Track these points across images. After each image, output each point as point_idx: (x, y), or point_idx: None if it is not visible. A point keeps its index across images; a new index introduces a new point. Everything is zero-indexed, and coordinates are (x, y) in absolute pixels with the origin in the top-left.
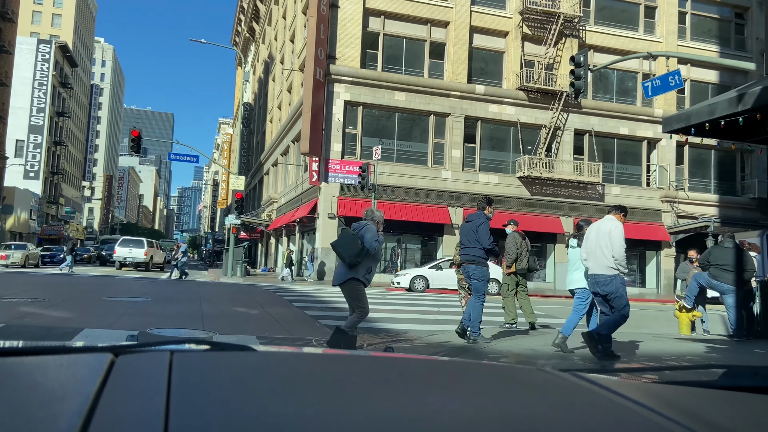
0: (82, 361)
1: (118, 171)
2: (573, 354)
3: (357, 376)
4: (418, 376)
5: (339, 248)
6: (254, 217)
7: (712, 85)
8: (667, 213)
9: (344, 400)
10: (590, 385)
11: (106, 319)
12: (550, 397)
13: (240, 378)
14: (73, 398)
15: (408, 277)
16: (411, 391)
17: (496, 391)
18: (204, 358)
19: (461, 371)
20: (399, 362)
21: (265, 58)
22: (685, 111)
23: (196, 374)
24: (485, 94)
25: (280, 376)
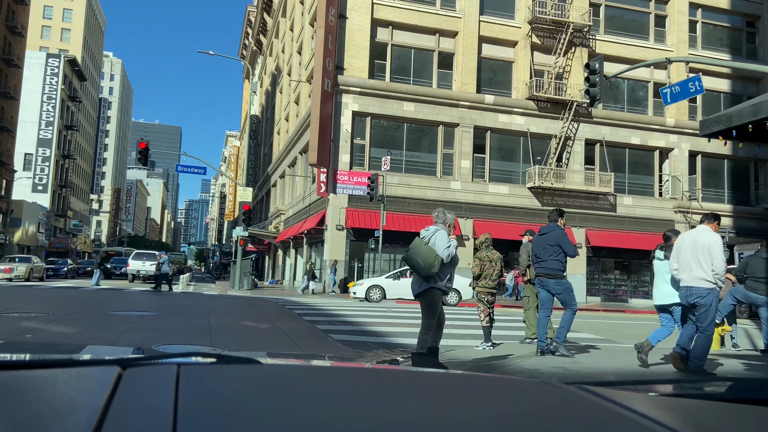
0: (90, 375)
1: (126, 184)
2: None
3: (363, 389)
4: (422, 389)
5: (412, 261)
6: (262, 229)
7: (724, 94)
8: (681, 224)
9: (351, 413)
10: (596, 398)
11: (111, 335)
12: (554, 410)
13: (247, 391)
14: (81, 411)
15: (364, 287)
16: (415, 403)
17: (499, 404)
18: (211, 371)
19: (465, 384)
20: (404, 375)
21: (272, 70)
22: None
23: (203, 387)
24: (494, 104)
25: (287, 389)
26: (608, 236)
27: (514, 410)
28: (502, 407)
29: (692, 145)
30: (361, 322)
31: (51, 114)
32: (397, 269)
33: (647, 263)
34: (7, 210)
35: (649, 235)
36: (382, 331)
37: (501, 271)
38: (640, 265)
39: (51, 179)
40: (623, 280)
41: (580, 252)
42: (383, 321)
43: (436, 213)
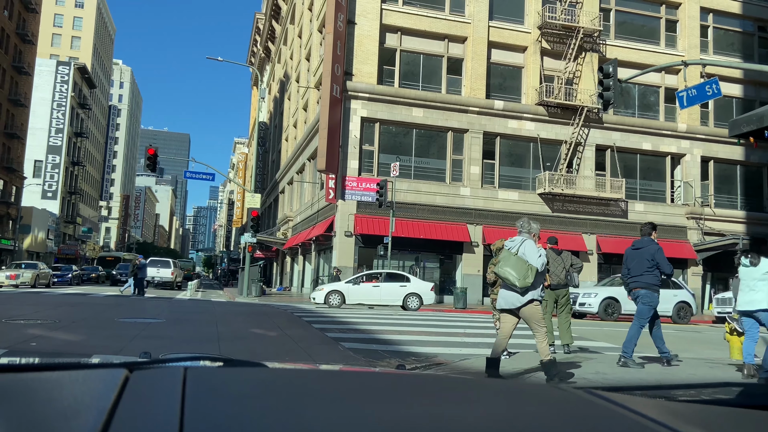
0: (97, 377)
1: (134, 191)
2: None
3: (370, 392)
4: (429, 393)
5: (505, 274)
6: (270, 235)
7: (736, 99)
8: (693, 230)
9: (358, 417)
10: (605, 402)
11: (117, 343)
12: (562, 414)
13: (254, 393)
14: (88, 413)
15: (323, 292)
16: (422, 407)
17: (507, 408)
18: (218, 374)
19: (473, 388)
20: (411, 379)
21: (280, 77)
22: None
23: (209, 389)
24: (504, 110)
25: (294, 392)
26: (619, 243)
27: (521, 413)
28: (509, 411)
29: (704, 151)
30: (371, 330)
31: (61, 121)
32: (355, 275)
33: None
34: (16, 216)
35: (662, 242)
36: (393, 340)
37: None
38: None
39: (60, 186)
40: None
41: (590, 258)
42: (394, 329)
43: (520, 223)
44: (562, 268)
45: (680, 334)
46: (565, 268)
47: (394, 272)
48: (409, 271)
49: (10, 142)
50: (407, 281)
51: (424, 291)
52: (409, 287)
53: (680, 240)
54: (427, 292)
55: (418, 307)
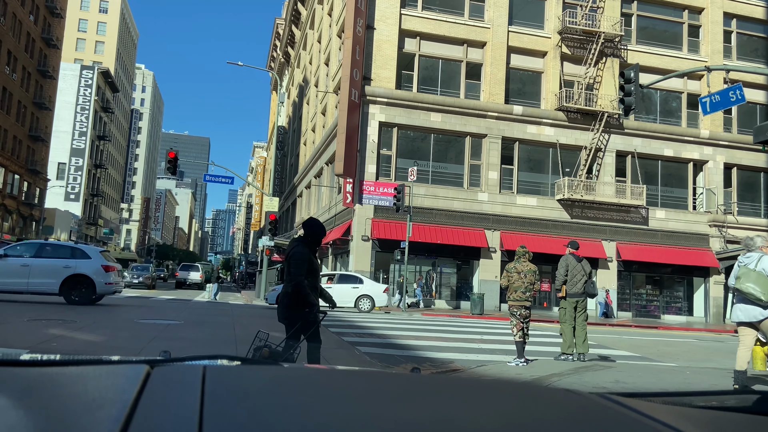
0: (119, 372)
1: (155, 194)
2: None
3: (384, 393)
4: (441, 394)
5: (751, 290)
6: (287, 239)
7: (760, 105)
8: (715, 238)
9: (372, 415)
10: (621, 408)
11: (137, 344)
12: (578, 420)
13: (271, 390)
14: (110, 406)
15: (276, 292)
16: (434, 407)
17: (520, 410)
18: (236, 371)
19: (486, 389)
20: (425, 380)
21: (299, 81)
22: None
23: (228, 386)
24: (523, 115)
25: (311, 389)
26: (640, 250)
27: (532, 416)
28: (520, 412)
29: (727, 158)
30: (388, 335)
31: (84, 124)
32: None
33: (680, 278)
34: (39, 218)
35: (683, 250)
36: (410, 345)
37: (534, 284)
38: (672, 280)
39: (83, 188)
40: (655, 296)
41: (610, 266)
42: (411, 335)
43: (747, 241)
44: (583, 274)
45: (702, 343)
46: (584, 275)
47: (348, 273)
48: (426, 277)
49: (34, 145)
50: (360, 283)
51: (377, 293)
52: (362, 289)
53: (702, 248)
54: (379, 294)
55: (370, 308)
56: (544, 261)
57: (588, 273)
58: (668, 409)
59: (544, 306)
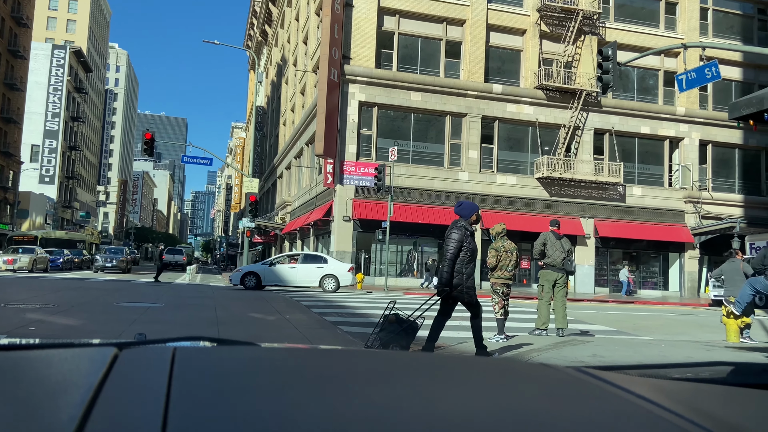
0: (86, 355)
1: (132, 175)
2: None
3: (363, 371)
4: (421, 372)
5: None
6: (268, 220)
7: (735, 82)
8: (690, 214)
9: (348, 394)
10: (597, 381)
11: (117, 327)
12: (555, 393)
13: (243, 372)
14: (75, 390)
15: (240, 273)
16: (414, 386)
17: (500, 387)
18: (207, 352)
19: (465, 366)
20: (405, 358)
21: (277, 60)
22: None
23: (198, 368)
24: (502, 94)
25: (284, 370)
26: (617, 227)
27: (510, 391)
28: (502, 390)
29: (703, 135)
30: (370, 314)
31: (57, 105)
32: (273, 257)
33: (656, 254)
34: (14, 201)
35: (659, 226)
36: None
37: (517, 262)
38: (648, 255)
39: (58, 170)
40: (632, 271)
41: (588, 242)
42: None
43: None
44: (562, 251)
45: (677, 317)
46: (564, 252)
47: (313, 253)
48: (407, 256)
49: (6, 127)
50: (325, 262)
51: (341, 272)
52: (326, 268)
53: (677, 224)
54: (344, 273)
55: (335, 288)
56: (524, 239)
57: (567, 251)
58: (644, 381)
59: (524, 283)
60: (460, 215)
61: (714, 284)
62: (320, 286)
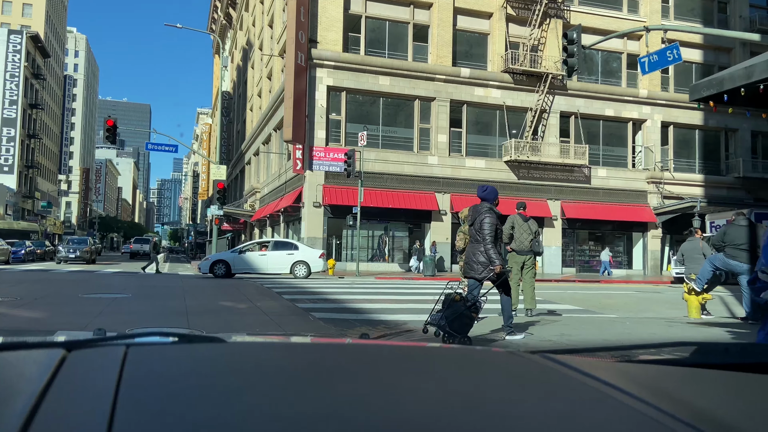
0: (32, 358)
1: (95, 164)
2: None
3: (325, 363)
4: (385, 363)
5: None
6: (237, 207)
7: (696, 64)
8: (653, 194)
9: (311, 389)
10: (560, 366)
11: (82, 319)
12: (517, 379)
13: (200, 372)
14: (16, 398)
15: (208, 262)
16: (379, 377)
17: (463, 375)
18: (163, 351)
19: (430, 356)
20: (368, 349)
21: (243, 44)
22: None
23: (150, 369)
24: (470, 77)
25: (244, 367)
26: (583, 208)
27: (473, 382)
28: (465, 378)
29: (664, 116)
30: (342, 299)
31: (14, 92)
32: (242, 245)
33: (620, 234)
34: None
35: (623, 206)
36: (364, 308)
37: None
38: (613, 236)
39: (17, 160)
40: (597, 251)
41: (555, 224)
42: (365, 298)
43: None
44: (529, 233)
45: (640, 295)
46: (531, 234)
47: (283, 240)
48: (378, 241)
49: None
50: (295, 249)
51: (312, 259)
52: (297, 255)
53: (641, 204)
54: (315, 259)
55: (307, 275)
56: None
57: (534, 232)
58: (609, 365)
59: None
60: (485, 199)
61: (676, 263)
62: (291, 273)
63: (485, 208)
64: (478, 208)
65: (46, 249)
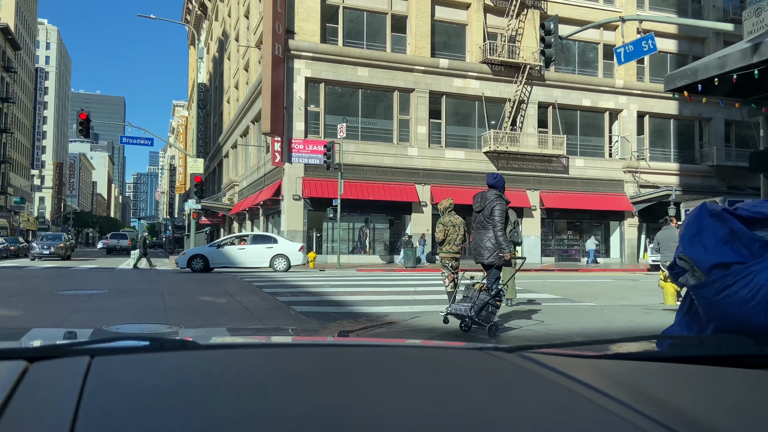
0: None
1: (68, 158)
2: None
3: (295, 369)
4: (359, 368)
5: None
6: (215, 201)
7: (670, 54)
8: (630, 183)
9: (281, 399)
10: (536, 366)
11: (58, 316)
12: (492, 382)
13: (167, 383)
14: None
15: (186, 256)
16: (354, 382)
17: (437, 378)
18: (129, 362)
19: (405, 359)
20: (342, 354)
21: (218, 35)
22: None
23: (115, 381)
24: (449, 68)
25: (214, 378)
26: (561, 198)
27: (452, 382)
28: (441, 379)
29: (640, 106)
30: (323, 292)
31: None
32: (220, 239)
33: (598, 223)
34: None
35: (600, 195)
36: (346, 301)
37: (465, 236)
38: (591, 225)
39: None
40: (576, 240)
41: (534, 214)
42: (346, 290)
43: None
44: (508, 223)
45: (618, 282)
46: (510, 225)
47: (262, 234)
48: (359, 233)
49: None
50: (274, 243)
51: (292, 252)
52: (276, 248)
53: (618, 193)
54: (294, 253)
55: (286, 268)
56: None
57: (513, 222)
58: (587, 363)
59: None
60: (494, 186)
61: (652, 251)
62: (271, 267)
63: (494, 195)
64: (486, 195)
65: (19, 245)
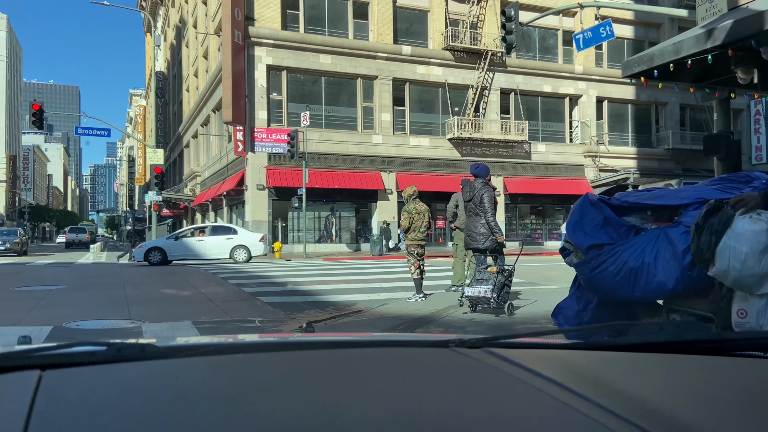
0: None
1: (22, 150)
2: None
3: (258, 375)
4: (324, 368)
5: None
6: (177, 192)
7: (627, 40)
8: (590, 167)
9: (242, 405)
10: (501, 362)
11: (15, 314)
12: (457, 380)
13: (121, 398)
14: None
15: (143, 249)
16: (316, 385)
17: (403, 377)
18: (81, 376)
19: (369, 359)
20: (306, 356)
21: (176, 22)
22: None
23: (66, 398)
24: (412, 55)
25: (167, 391)
26: (524, 183)
27: (412, 382)
28: (405, 379)
29: (599, 92)
30: (290, 282)
31: None
32: (178, 231)
33: (560, 207)
34: None
35: (562, 180)
36: (312, 290)
37: (429, 223)
38: (553, 209)
39: None
40: (539, 224)
41: (498, 199)
42: (314, 280)
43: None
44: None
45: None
46: None
47: (221, 225)
48: (325, 222)
49: None
50: (234, 233)
51: (253, 243)
52: (236, 239)
53: (578, 177)
54: (255, 243)
55: (247, 259)
56: (439, 199)
57: None
58: (549, 355)
59: (440, 242)
60: (478, 176)
61: None
62: (231, 258)
63: (481, 183)
64: (473, 184)
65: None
